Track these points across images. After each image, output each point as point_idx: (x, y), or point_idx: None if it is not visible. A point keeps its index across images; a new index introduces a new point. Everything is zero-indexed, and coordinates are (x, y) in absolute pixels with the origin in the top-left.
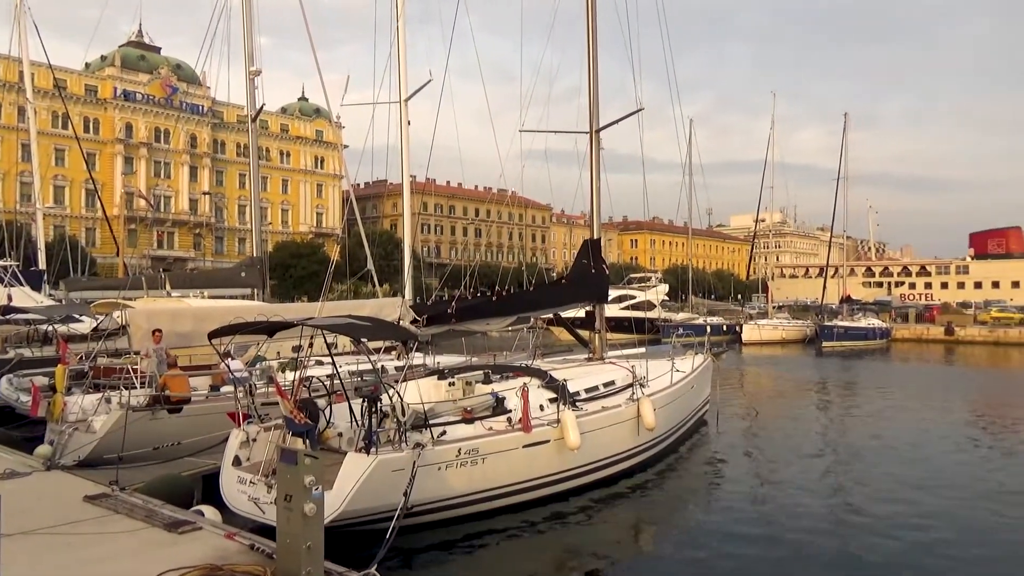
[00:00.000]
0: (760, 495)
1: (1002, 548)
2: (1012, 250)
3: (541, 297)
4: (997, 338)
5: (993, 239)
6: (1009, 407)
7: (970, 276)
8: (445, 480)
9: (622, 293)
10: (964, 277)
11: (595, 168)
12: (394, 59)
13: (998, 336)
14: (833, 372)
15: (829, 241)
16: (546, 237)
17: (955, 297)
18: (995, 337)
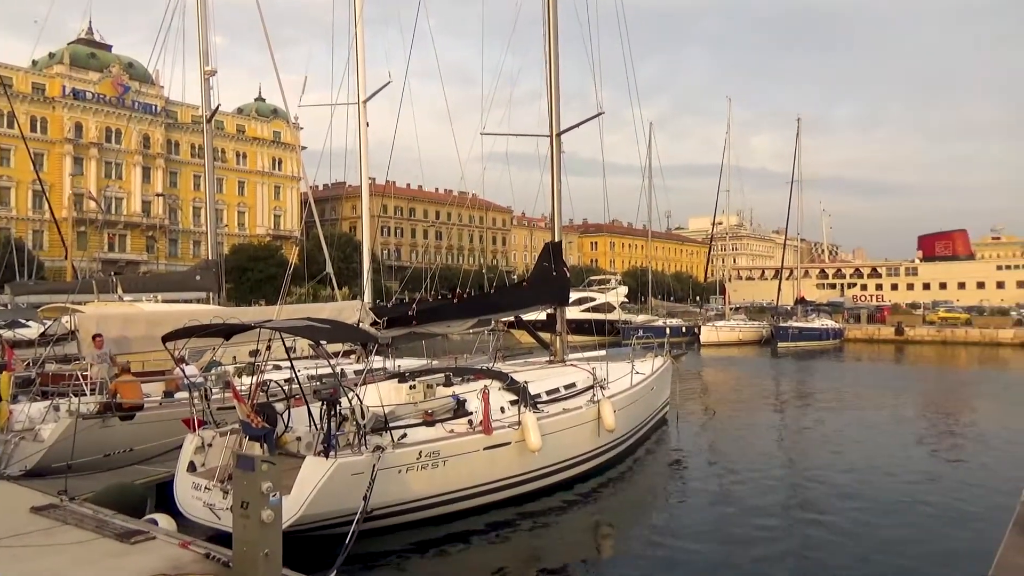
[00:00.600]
0: (719, 493)
1: (945, 540)
2: (958, 252)
3: (502, 300)
4: (944, 338)
5: (940, 242)
6: (956, 405)
7: (919, 278)
8: (406, 483)
9: (583, 295)
10: (913, 279)
11: (556, 171)
12: (353, 60)
13: (945, 336)
14: (788, 372)
15: (784, 244)
16: (507, 240)
17: (905, 298)
18: (943, 337)
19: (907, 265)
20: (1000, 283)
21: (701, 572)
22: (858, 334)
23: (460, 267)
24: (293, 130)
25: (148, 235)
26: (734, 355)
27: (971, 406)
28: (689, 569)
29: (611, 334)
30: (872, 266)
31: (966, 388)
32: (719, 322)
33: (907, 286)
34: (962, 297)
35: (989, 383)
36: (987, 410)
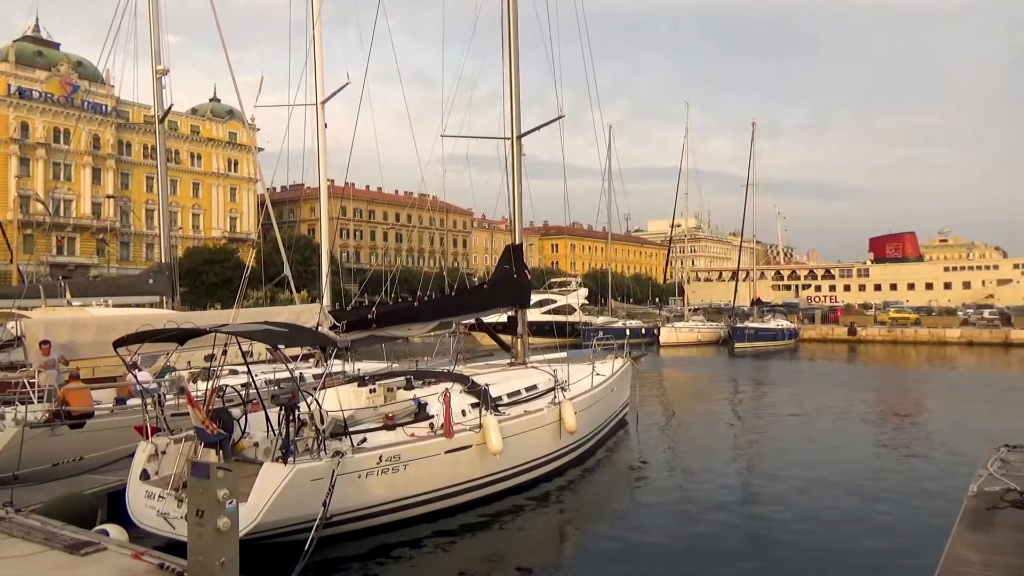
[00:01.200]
0: (678, 493)
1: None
2: (908, 254)
3: (463, 302)
4: (895, 337)
5: (890, 244)
6: (906, 403)
7: (870, 279)
8: (366, 488)
9: (543, 297)
10: (865, 280)
11: (516, 173)
12: (311, 60)
13: (896, 336)
14: (745, 372)
15: (740, 246)
16: (468, 242)
17: (857, 299)
18: (893, 336)
19: (859, 267)
20: (947, 284)
21: (661, 571)
22: (812, 334)
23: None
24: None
25: (98, 238)
26: (693, 356)
27: (920, 404)
28: (650, 568)
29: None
30: (825, 267)
31: (916, 386)
32: (678, 323)
33: (859, 287)
34: (911, 298)
35: (937, 381)
36: (935, 407)
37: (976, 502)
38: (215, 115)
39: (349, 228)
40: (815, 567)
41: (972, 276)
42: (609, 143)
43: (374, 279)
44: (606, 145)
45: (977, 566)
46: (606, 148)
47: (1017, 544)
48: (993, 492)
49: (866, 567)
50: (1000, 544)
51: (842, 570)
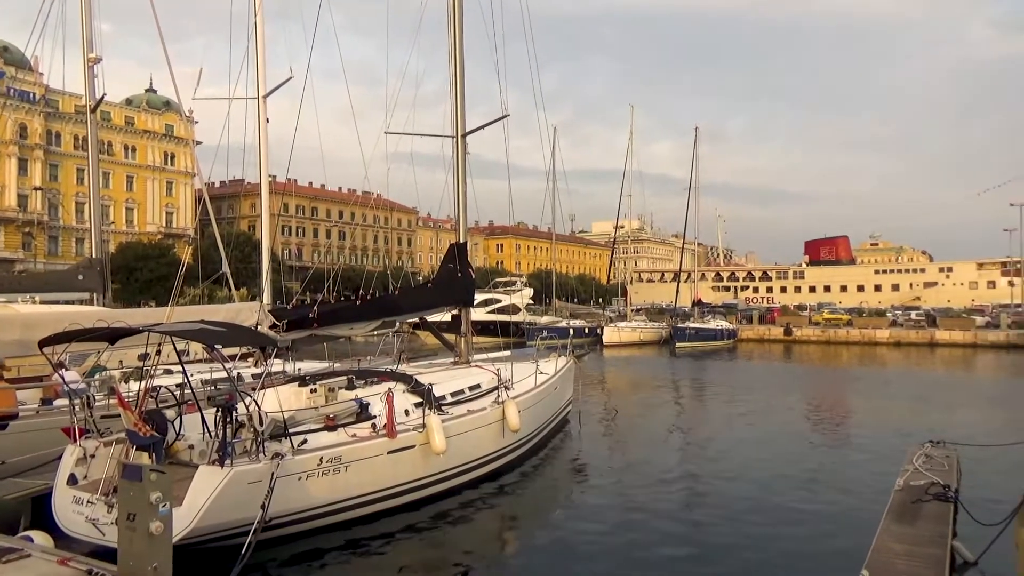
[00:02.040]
0: (620, 490)
1: (827, 528)
2: (841, 257)
3: (407, 301)
4: (828, 338)
5: (825, 247)
6: (838, 401)
7: (805, 280)
8: (307, 490)
9: (488, 297)
10: (800, 282)
11: (461, 172)
12: (252, 53)
13: (829, 336)
14: (686, 371)
15: (682, 247)
16: (412, 240)
17: (793, 300)
18: (826, 337)
19: (795, 269)
20: (877, 286)
21: (603, 569)
22: (750, 334)
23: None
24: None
25: (25, 231)
26: (635, 355)
27: (851, 402)
28: (592, 566)
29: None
30: (763, 269)
31: (847, 385)
32: (621, 323)
33: (795, 288)
34: (844, 299)
35: (868, 380)
36: (865, 405)
37: (902, 496)
38: (151, 106)
39: (291, 225)
40: (750, 561)
41: (900, 279)
42: (554, 144)
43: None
44: (551, 146)
45: (903, 557)
46: (551, 149)
47: (939, 535)
48: (918, 486)
49: (799, 560)
50: (924, 535)
51: (776, 563)
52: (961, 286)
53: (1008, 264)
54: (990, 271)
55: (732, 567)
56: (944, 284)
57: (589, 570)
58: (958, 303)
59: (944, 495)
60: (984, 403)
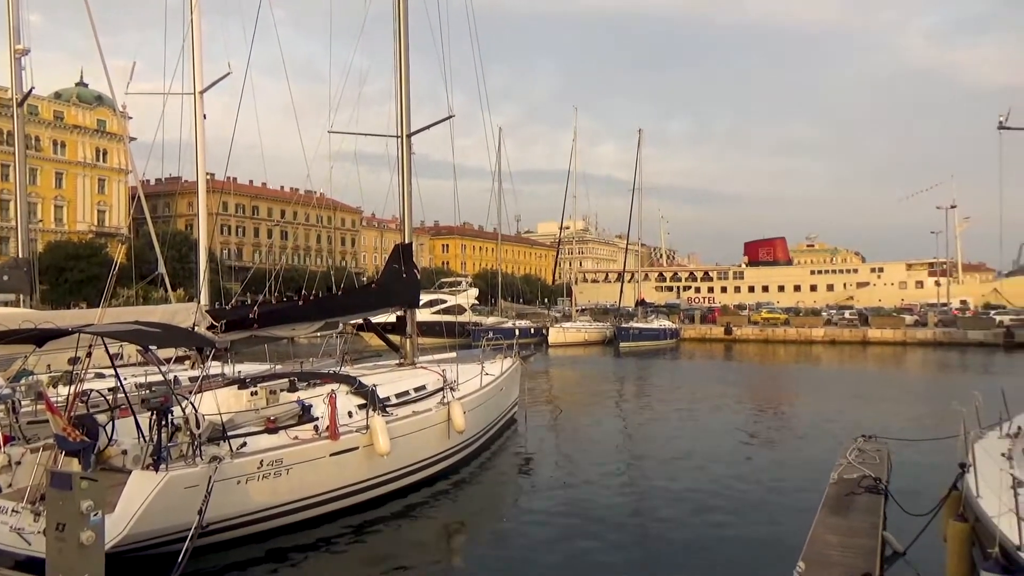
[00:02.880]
0: (565, 489)
1: (766, 522)
2: (778, 258)
3: (350, 302)
4: (767, 336)
5: (763, 248)
6: (775, 397)
7: (745, 281)
8: (246, 494)
9: (433, 298)
10: (740, 282)
11: (406, 172)
12: (189, 47)
13: (767, 335)
14: (630, 370)
15: (626, 248)
16: (356, 241)
17: (733, 300)
18: (765, 336)
19: (735, 269)
20: (813, 286)
21: (549, 567)
22: (692, 334)
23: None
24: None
25: None
26: (580, 355)
27: (789, 399)
28: (537, 566)
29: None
30: (704, 270)
31: (785, 382)
32: (566, 323)
33: (735, 289)
34: (782, 299)
35: (804, 377)
36: (802, 402)
37: (836, 488)
38: (82, 101)
39: (231, 224)
40: (692, 555)
41: (835, 279)
42: (499, 145)
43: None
44: (496, 146)
45: (837, 547)
46: (496, 149)
47: (871, 526)
48: (851, 479)
49: (740, 553)
50: (857, 527)
51: (718, 557)
52: (892, 286)
53: (935, 265)
54: (918, 272)
55: (675, 561)
56: (876, 284)
57: (535, 569)
58: (889, 302)
59: (875, 488)
60: (913, 399)
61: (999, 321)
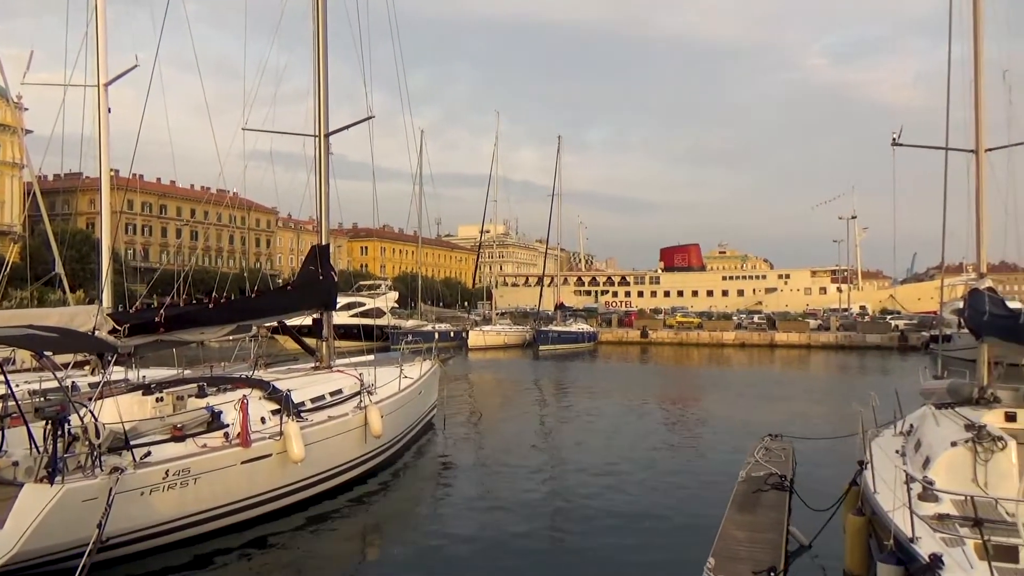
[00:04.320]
0: (483, 492)
1: (679, 520)
2: (692, 263)
3: (264, 304)
4: (681, 340)
5: (678, 254)
6: (688, 399)
7: (661, 286)
8: (151, 505)
9: (351, 300)
10: (656, 287)
11: (323, 173)
12: (92, 35)
13: (682, 338)
14: (549, 373)
15: (545, 253)
16: (271, 242)
17: (649, 304)
18: (679, 339)
19: (651, 274)
20: (725, 291)
21: (464, 572)
22: (610, 337)
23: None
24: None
25: None
26: (500, 358)
27: (701, 400)
28: (455, 570)
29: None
30: (622, 275)
31: (698, 384)
32: (486, 327)
33: (651, 293)
34: (695, 303)
35: (716, 379)
36: (714, 403)
37: (744, 486)
38: None
39: (136, 223)
40: (608, 554)
41: (745, 284)
42: (420, 147)
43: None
44: (417, 149)
45: (745, 543)
46: (417, 152)
47: (777, 522)
48: (758, 477)
49: (653, 551)
50: (763, 522)
51: (632, 557)
52: (798, 292)
53: (837, 272)
54: (822, 278)
55: (591, 560)
56: (783, 290)
57: (452, 572)
58: (795, 307)
59: (781, 484)
60: (816, 399)
61: (894, 325)
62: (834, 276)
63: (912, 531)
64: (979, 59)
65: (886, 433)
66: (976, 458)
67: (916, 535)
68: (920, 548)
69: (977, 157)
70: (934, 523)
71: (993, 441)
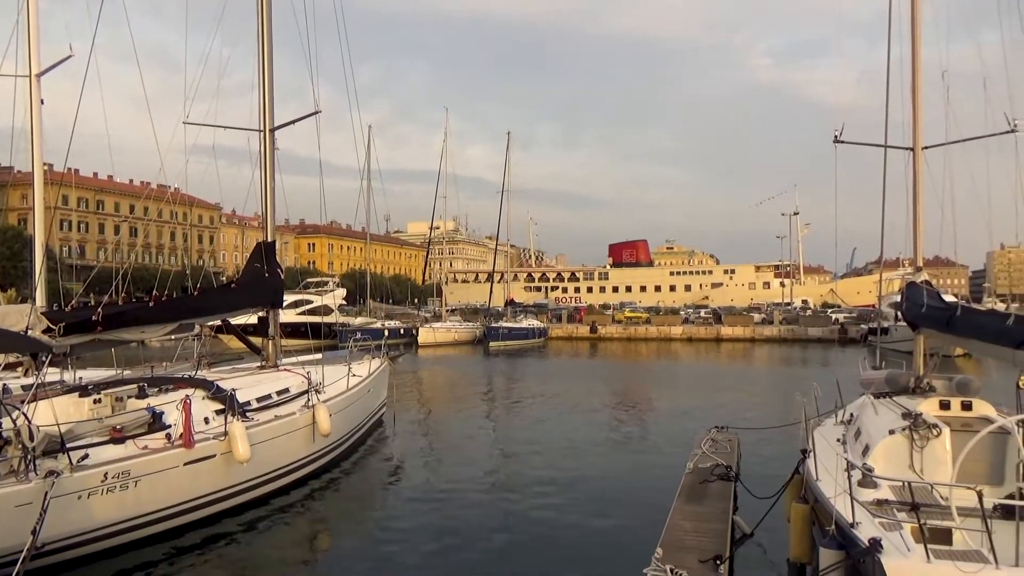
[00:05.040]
0: (432, 490)
1: (627, 512)
2: (640, 259)
3: (208, 302)
4: (630, 335)
5: (626, 250)
6: (637, 392)
7: (610, 281)
8: (89, 509)
9: (299, 298)
10: (605, 282)
11: (268, 168)
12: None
13: (630, 333)
14: (499, 369)
15: (495, 249)
16: (215, 238)
17: (598, 300)
18: (628, 334)
19: (600, 270)
20: (672, 287)
21: (416, 570)
22: (560, 332)
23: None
24: None
25: None
26: (450, 355)
27: (649, 394)
28: (402, 568)
29: (328, 337)
30: (572, 271)
31: (646, 378)
32: (436, 323)
33: (600, 289)
34: (644, 299)
35: (663, 373)
36: (662, 396)
37: (691, 478)
38: None
39: (72, 220)
40: (559, 549)
41: (692, 280)
42: (369, 143)
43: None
44: (365, 144)
45: (692, 533)
46: (365, 147)
47: (723, 511)
48: (704, 468)
49: (603, 544)
50: (710, 512)
51: (582, 550)
52: (742, 286)
53: (780, 267)
54: (765, 273)
55: (542, 553)
56: (728, 285)
57: (400, 571)
58: (740, 302)
59: (727, 475)
60: (761, 391)
61: (835, 319)
62: (777, 271)
63: (852, 517)
64: (917, 60)
65: (827, 422)
66: (913, 445)
67: (856, 520)
68: (860, 533)
69: (915, 155)
70: (873, 508)
71: (928, 429)
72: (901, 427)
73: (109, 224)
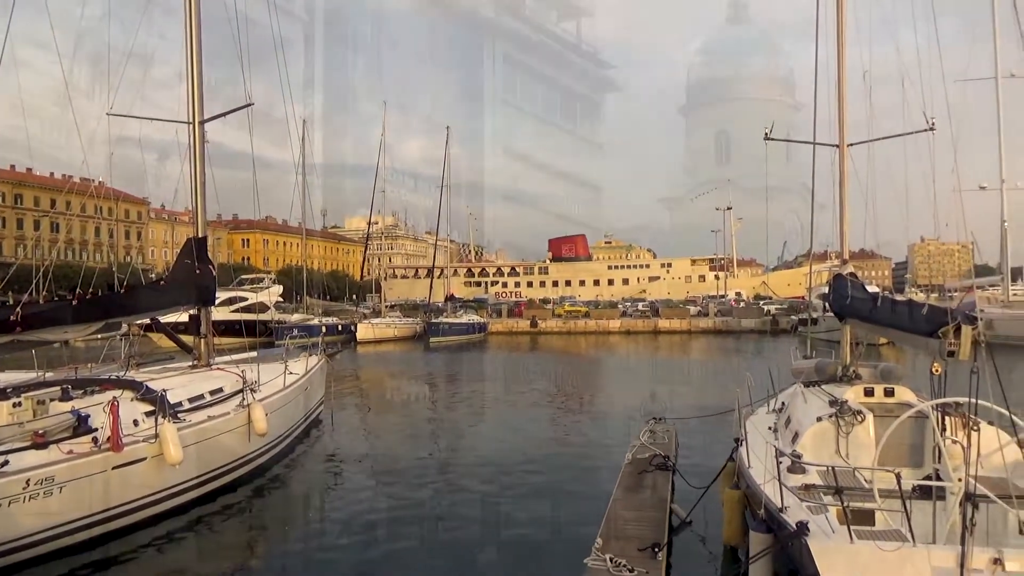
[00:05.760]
0: (371, 488)
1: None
2: (580, 254)
3: (135, 300)
4: (569, 329)
5: (566, 244)
6: (576, 385)
7: (549, 276)
8: (10, 518)
9: (232, 295)
10: (545, 277)
11: (198, 162)
12: None
13: (570, 327)
14: (439, 365)
15: (435, 244)
16: (143, 234)
17: (538, 294)
18: (568, 328)
19: (540, 265)
20: (611, 280)
21: (355, 567)
22: (500, 327)
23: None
24: None
25: None
26: (390, 351)
27: (589, 387)
28: (341, 568)
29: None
30: (512, 265)
31: (586, 371)
32: (375, 319)
33: (540, 283)
34: (583, 293)
35: (602, 366)
36: (601, 389)
37: (630, 468)
38: None
39: None
40: (501, 543)
41: (630, 274)
42: (303, 136)
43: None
44: (300, 138)
45: (631, 522)
46: (300, 141)
47: (661, 500)
48: (643, 458)
49: (545, 538)
50: (648, 501)
51: (524, 545)
52: (679, 280)
53: (715, 260)
54: (701, 266)
55: (484, 547)
56: (665, 278)
57: (339, 570)
58: (676, 295)
59: (664, 465)
60: (697, 382)
61: (767, 310)
62: (712, 264)
63: (781, 501)
64: (842, 62)
65: (760, 411)
66: (839, 431)
67: (785, 505)
68: (788, 517)
69: (840, 151)
70: (801, 493)
71: (853, 415)
72: (828, 414)
73: (28, 219)
